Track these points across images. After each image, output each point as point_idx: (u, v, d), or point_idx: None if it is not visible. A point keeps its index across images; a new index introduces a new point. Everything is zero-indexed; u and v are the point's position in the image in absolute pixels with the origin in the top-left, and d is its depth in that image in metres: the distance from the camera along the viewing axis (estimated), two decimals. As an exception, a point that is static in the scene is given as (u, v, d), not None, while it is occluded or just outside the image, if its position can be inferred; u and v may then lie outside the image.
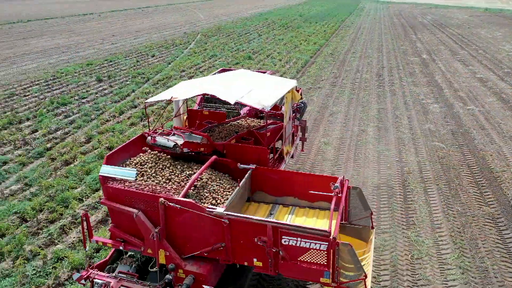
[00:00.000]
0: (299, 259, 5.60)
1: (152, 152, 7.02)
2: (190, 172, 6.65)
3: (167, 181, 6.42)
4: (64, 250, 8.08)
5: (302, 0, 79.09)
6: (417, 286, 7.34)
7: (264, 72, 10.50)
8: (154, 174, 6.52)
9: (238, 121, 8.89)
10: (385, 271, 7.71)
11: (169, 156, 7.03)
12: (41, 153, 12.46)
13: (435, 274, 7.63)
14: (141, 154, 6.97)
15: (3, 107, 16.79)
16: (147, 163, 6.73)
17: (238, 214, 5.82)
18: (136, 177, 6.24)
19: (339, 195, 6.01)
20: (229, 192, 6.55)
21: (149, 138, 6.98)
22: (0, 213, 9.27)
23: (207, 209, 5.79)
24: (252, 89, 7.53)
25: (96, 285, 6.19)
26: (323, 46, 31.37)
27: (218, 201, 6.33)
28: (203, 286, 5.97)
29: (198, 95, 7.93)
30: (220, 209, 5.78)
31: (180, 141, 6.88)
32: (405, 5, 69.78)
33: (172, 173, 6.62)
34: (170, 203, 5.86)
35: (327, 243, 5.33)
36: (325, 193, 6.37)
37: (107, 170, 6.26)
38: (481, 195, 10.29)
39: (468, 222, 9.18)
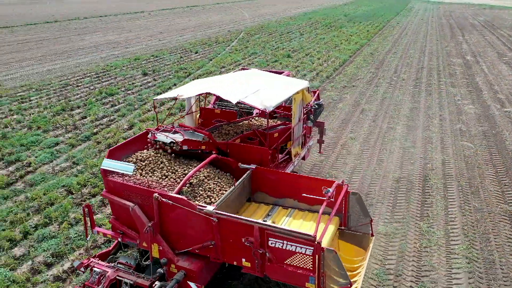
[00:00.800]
0: (285, 262, 5.54)
1: (152, 148, 7.10)
2: (189, 169, 6.70)
3: (164, 177, 6.51)
4: (102, 219, 9.10)
5: (349, 0, 78.38)
6: (421, 271, 7.70)
7: (280, 73, 10.48)
8: (152, 170, 6.64)
9: (250, 120, 8.90)
10: (392, 256, 8.12)
11: (169, 153, 7.04)
12: (88, 136, 13.77)
13: (441, 262, 7.94)
14: (144, 150, 7.09)
15: (58, 96, 18.45)
16: (147, 159, 6.82)
17: (227, 214, 5.79)
18: (133, 171, 6.34)
19: (331, 199, 5.90)
20: (226, 191, 6.55)
21: (150, 134, 7.09)
22: (51, 185, 10.52)
23: (198, 206, 5.84)
24: (259, 89, 7.57)
25: (94, 273, 6.44)
26: (364, 46, 31.34)
27: (213, 200, 6.35)
28: (188, 282, 6.03)
29: (203, 94, 7.95)
30: (210, 208, 5.81)
31: (179, 139, 6.92)
32: (457, 5, 67.50)
33: (170, 170, 6.69)
34: (163, 199, 5.96)
35: (312, 248, 5.26)
36: (317, 197, 6.19)
37: (108, 163, 6.40)
38: (502, 193, 10.35)
39: (484, 217, 9.34)
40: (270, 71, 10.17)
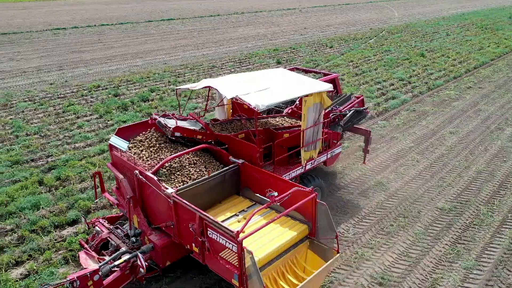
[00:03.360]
0: (219, 254, 5.68)
1: (150, 131, 7.75)
2: (175, 154, 7.09)
3: (151, 158, 7.07)
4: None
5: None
6: (460, 240, 8.54)
7: (328, 74, 9.99)
8: (145, 150, 7.26)
9: (283, 119, 9.15)
10: (439, 225, 9.06)
11: (165, 137, 7.52)
12: (219, 106, 17.10)
13: (484, 237, 8.61)
14: (151, 130, 7.75)
15: (205, 74, 22.55)
16: (145, 141, 7.51)
17: (180, 199, 6.01)
18: (126, 148, 7.02)
19: (276, 203, 5.86)
20: None
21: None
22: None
23: (162, 187, 6.22)
24: (269, 87, 7.67)
25: (94, 231, 7.45)
26: (515, 49, 28.95)
27: (186, 185, 6.57)
28: (138, 254, 6.30)
29: (205, 87, 8.13)
30: (169, 190, 6.11)
31: (173, 125, 7.30)
32: None
33: (158, 152, 7.22)
34: (140, 176, 6.50)
35: (236, 245, 5.29)
36: (264, 197, 6.29)
37: (113, 139, 7.37)
38: None
39: (554, 214, 9.41)
40: (316, 71, 10.24)
